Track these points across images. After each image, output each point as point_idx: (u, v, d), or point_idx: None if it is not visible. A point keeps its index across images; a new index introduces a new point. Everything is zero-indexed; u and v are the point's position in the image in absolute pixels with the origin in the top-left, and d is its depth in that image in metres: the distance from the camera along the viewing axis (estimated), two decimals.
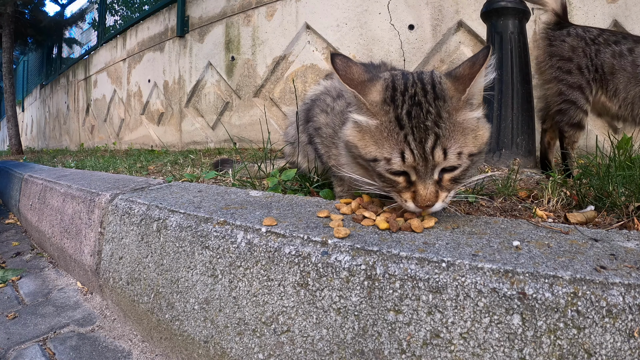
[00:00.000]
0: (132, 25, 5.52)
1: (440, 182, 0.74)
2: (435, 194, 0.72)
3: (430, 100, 0.73)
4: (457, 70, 0.77)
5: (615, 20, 2.28)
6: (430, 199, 0.72)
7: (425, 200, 0.72)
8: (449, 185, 0.74)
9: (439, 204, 0.73)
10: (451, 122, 0.72)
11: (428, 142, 0.70)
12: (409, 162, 0.71)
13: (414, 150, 0.71)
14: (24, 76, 11.79)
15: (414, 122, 0.71)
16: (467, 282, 0.56)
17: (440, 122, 0.71)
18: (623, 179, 1.00)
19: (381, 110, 0.74)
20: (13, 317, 1.17)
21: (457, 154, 0.71)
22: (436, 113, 0.71)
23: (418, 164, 0.71)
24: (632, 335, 0.49)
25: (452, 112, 0.72)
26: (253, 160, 1.91)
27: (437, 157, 0.71)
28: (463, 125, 0.73)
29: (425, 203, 0.72)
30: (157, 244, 0.99)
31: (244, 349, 0.74)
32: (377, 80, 0.79)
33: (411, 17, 2.87)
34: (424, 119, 0.71)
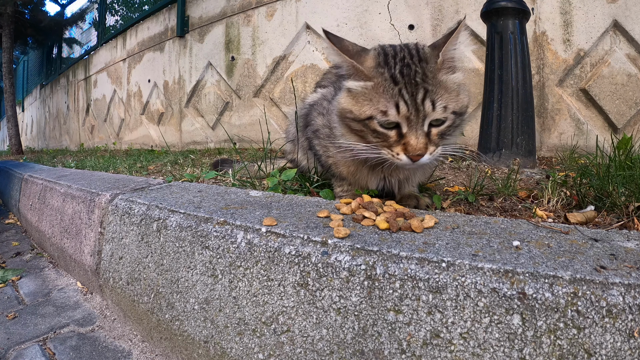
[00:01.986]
0: (132, 25, 5.52)
1: (429, 135, 0.83)
2: (425, 144, 0.82)
3: (416, 62, 0.83)
4: (436, 42, 0.89)
5: (615, 20, 2.28)
6: (421, 148, 0.81)
7: (416, 150, 0.81)
8: (436, 140, 0.84)
9: (427, 155, 0.82)
10: (435, 80, 0.82)
11: (419, 95, 0.80)
12: (402, 112, 0.80)
13: (407, 102, 0.80)
14: (24, 76, 11.78)
15: (406, 79, 0.81)
16: (467, 282, 0.56)
17: (427, 79, 0.81)
18: (623, 179, 1.00)
19: (376, 73, 0.84)
20: (13, 317, 1.17)
21: (443, 107, 0.81)
22: (422, 72, 0.82)
23: (411, 114, 0.81)
24: (632, 335, 0.49)
25: (435, 72, 0.83)
26: (253, 160, 1.91)
27: (427, 108, 0.80)
28: (445, 84, 0.83)
29: (416, 152, 0.81)
30: (157, 244, 0.99)
31: (244, 349, 0.74)
32: (368, 51, 0.90)
33: (411, 17, 2.87)
34: (414, 76, 0.81)
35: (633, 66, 2.27)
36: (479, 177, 1.31)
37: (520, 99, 1.79)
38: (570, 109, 2.42)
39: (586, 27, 2.35)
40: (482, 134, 1.92)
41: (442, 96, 0.81)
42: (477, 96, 2.58)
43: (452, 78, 0.85)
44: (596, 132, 2.36)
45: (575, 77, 2.41)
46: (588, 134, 2.38)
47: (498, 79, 1.83)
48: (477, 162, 1.86)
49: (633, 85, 2.27)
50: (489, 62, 1.89)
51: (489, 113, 1.87)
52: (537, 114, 2.41)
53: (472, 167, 1.76)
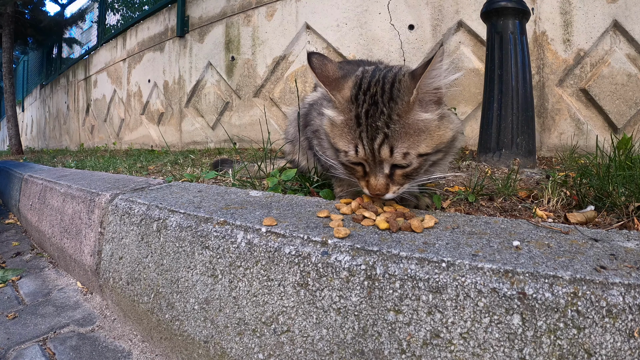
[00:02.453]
0: (132, 25, 5.52)
1: (392, 176, 0.81)
2: (385, 186, 0.80)
3: (385, 101, 0.78)
4: (417, 70, 0.80)
5: (615, 20, 2.28)
6: (380, 189, 0.80)
7: (375, 190, 0.81)
8: (400, 180, 0.81)
9: (390, 194, 0.81)
10: (401, 124, 0.77)
11: (377, 140, 0.77)
12: (360, 156, 0.80)
13: (365, 146, 0.79)
14: (24, 76, 11.78)
15: (369, 121, 0.78)
16: (467, 282, 0.56)
17: (390, 123, 0.77)
18: (623, 179, 1.00)
19: (347, 108, 0.82)
20: (13, 317, 1.17)
21: (403, 154, 0.77)
22: (388, 114, 0.77)
23: (368, 159, 0.80)
24: (632, 335, 0.49)
25: (403, 113, 0.77)
26: (253, 160, 1.91)
27: (384, 155, 0.77)
28: (415, 126, 0.78)
29: (374, 192, 0.81)
30: (157, 244, 0.99)
31: (244, 349, 0.74)
32: (349, 77, 0.86)
33: (411, 17, 2.87)
34: (376, 119, 0.78)
35: (633, 66, 2.27)
36: (479, 177, 1.31)
37: (520, 99, 1.79)
38: (570, 109, 2.42)
39: (586, 27, 2.35)
40: (482, 134, 1.92)
41: (406, 141, 0.77)
42: (477, 96, 2.58)
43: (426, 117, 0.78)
44: (596, 132, 2.36)
45: (575, 77, 2.41)
46: (588, 134, 2.38)
47: (498, 79, 1.83)
48: (476, 162, 1.86)
49: (633, 85, 2.27)
50: (489, 62, 1.89)
51: (489, 113, 1.87)
52: (537, 114, 2.41)
53: (472, 167, 1.76)
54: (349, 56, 3.14)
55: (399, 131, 0.77)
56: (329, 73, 0.86)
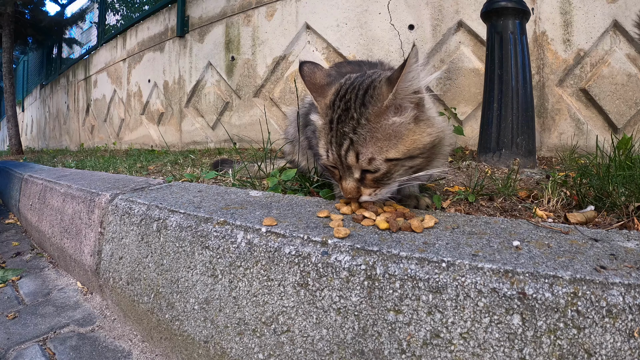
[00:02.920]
0: (132, 25, 5.52)
1: (364, 180, 0.81)
2: (356, 189, 0.81)
3: (356, 107, 0.79)
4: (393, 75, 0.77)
5: (615, 20, 2.28)
6: (352, 193, 0.81)
7: (347, 193, 0.82)
8: (372, 184, 0.81)
9: (365, 197, 0.82)
10: (368, 128, 0.77)
11: (343, 146, 0.79)
12: (330, 160, 0.82)
13: (333, 151, 0.81)
14: (24, 76, 11.77)
15: (339, 127, 0.80)
16: (467, 282, 0.56)
17: (358, 129, 0.77)
18: (623, 179, 1.00)
19: (325, 113, 0.85)
20: (13, 317, 1.17)
21: (368, 160, 0.77)
22: (357, 120, 0.78)
23: (336, 163, 0.82)
24: (632, 335, 0.49)
25: (372, 118, 0.77)
26: (253, 160, 1.91)
27: (350, 160, 0.78)
28: (384, 130, 0.76)
29: (347, 195, 0.82)
30: (157, 244, 0.99)
31: (244, 349, 0.74)
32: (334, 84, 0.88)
33: (411, 17, 2.87)
34: (345, 124, 0.79)
35: (633, 66, 2.27)
36: (479, 177, 1.31)
37: (520, 99, 1.79)
38: (570, 109, 2.42)
39: (586, 27, 2.35)
40: (482, 134, 1.92)
41: (371, 147, 0.76)
42: (477, 96, 2.58)
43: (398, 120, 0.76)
44: (596, 132, 2.36)
45: (575, 77, 2.41)
46: (588, 134, 2.38)
47: (498, 79, 1.83)
48: (476, 163, 1.86)
49: (633, 85, 2.27)
50: (489, 62, 1.89)
51: (489, 113, 1.87)
52: (537, 114, 2.40)
53: (472, 167, 1.76)
54: (349, 56, 3.14)
55: (364, 136, 0.77)
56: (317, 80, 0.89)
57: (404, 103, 0.76)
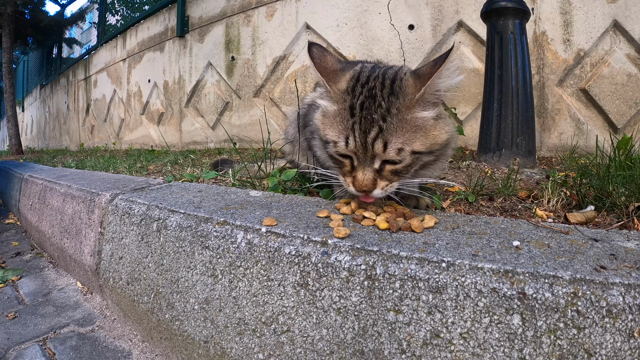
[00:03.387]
0: (132, 25, 5.52)
1: (381, 171, 0.78)
2: (373, 181, 0.77)
3: (384, 95, 0.76)
4: (421, 69, 0.79)
5: (615, 20, 2.28)
6: (367, 185, 0.77)
7: (361, 185, 0.77)
8: (389, 176, 0.78)
9: (377, 191, 0.78)
10: (399, 119, 0.75)
11: (371, 133, 0.75)
12: (350, 148, 0.77)
13: (356, 138, 0.76)
14: (24, 76, 11.77)
15: (364, 113, 0.76)
16: (467, 282, 0.56)
17: (388, 117, 0.75)
18: (623, 179, 1.00)
19: (341, 99, 0.80)
20: (13, 317, 1.17)
21: (397, 150, 0.75)
22: (386, 108, 0.75)
23: (358, 151, 0.77)
24: (632, 335, 0.49)
25: (403, 109, 0.76)
26: (253, 160, 1.91)
27: (377, 149, 0.75)
28: (412, 123, 0.76)
29: (361, 188, 0.77)
30: (157, 244, 0.99)
31: (244, 349, 0.74)
32: (348, 70, 0.84)
33: (411, 17, 2.87)
34: (373, 111, 0.75)
35: (633, 66, 2.27)
36: (479, 177, 1.31)
37: (520, 99, 1.79)
38: (570, 109, 2.42)
39: (586, 27, 2.35)
40: (482, 134, 1.92)
41: (401, 137, 0.75)
42: (477, 96, 2.58)
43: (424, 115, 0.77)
44: (596, 132, 2.36)
45: (575, 77, 2.41)
46: (588, 134, 2.38)
47: (498, 79, 1.83)
48: (476, 162, 1.86)
49: (633, 85, 2.27)
50: (489, 62, 1.89)
51: (489, 113, 1.87)
52: (537, 114, 2.41)
53: (472, 167, 1.76)
54: (349, 56, 3.14)
55: (395, 126, 0.75)
56: (328, 64, 0.85)
57: (431, 99, 0.77)
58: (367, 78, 0.80)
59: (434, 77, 0.74)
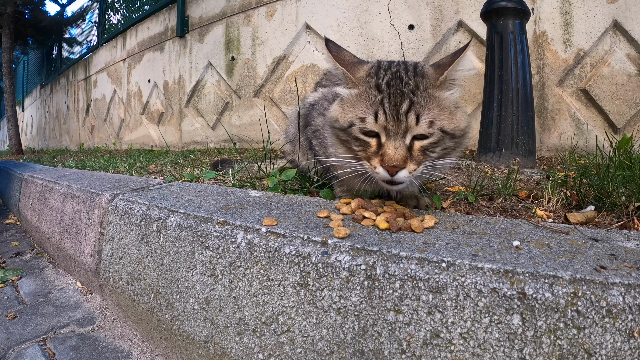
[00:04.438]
0: (132, 25, 5.52)
1: (411, 149, 0.77)
2: (404, 157, 0.75)
3: (410, 76, 0.80)
4: (440, 61, 0.86)
5: (615, 20, 2.28)
6: (398, 159, 0.74)
7: (392, 160, 0.74)
8: (418, 157, 0.77)
9: (404, 172, 0.75)
10: (428, 94, 0.78)
11: (403, 106, 0.75)
12: (380, 122, 0.76)
13: (387, 111, 0.76)
14: (24, 76, 11.77)
15: (392, 89, 0.77)
16: (467, 282, 0.56)
17: (417, 92, 0.77)
18: (623, 179, 1.00)
19: (363, 81, 0.82)
20: (13, 317, 1.17)
21: (429, 122, 0.76)
22: (414, 84, 0.78)
23: (389, 124, 0.75)
24: (632, 335, 0.49)
25: (429, 87, 0.79)
26: (253, 160, 1.91)
27: (410, 121, 0.75)
28: (439, 100, 0.79)
29: (392, 162, 0.74)
30: (157, 244, 0.99)
31: (244, 349, 0.74)
32: (365, 63, 0.89)
33: (411, 17, 2.87)
34: (402, 87, 0.78)
35: (633, 66, 2.27)
36: (479, 177, 1.31)
37: (520, 99, 1.79)
38: (570, 109, 2.42)
39: (586, 27, 2.35)
40: (482, 134, 1.92)
41: (431, 111, 0.77)
42: (477, 96, 2.58)
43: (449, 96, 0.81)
44: (596, 132, 2.36)
45: (575, 77, 2.41)
46: (588, 134, 2.38)
47: (498, 79, 1.83)
48: (476, 162, 1.86)
49: (633, 85, 2.27)
50: (489, 62, 1.89)
51: (489, 113, 1.87)
52: (537, 114, 2.40)
53: (472, 167, 1.76)
54: None
55: (425, 100, 0.77)
56: (345, 57, 0.88)
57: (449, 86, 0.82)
58: (388, 65, 0.84)
59: (454, 64, 0.80)
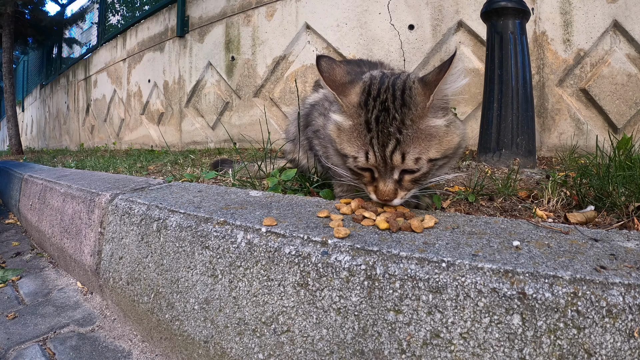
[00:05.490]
0: (132, 25, 5.52)
1: (401, 181, 0.81)
2: (394, 191, 0.80)
3: (397, 107, 0.78)
4: (427, 76, 0.80)
5: (615, 20, 2.28)
6: (389, 195, 0.80)
7: (384, 195, 0.80)
8: (408, 185, 0.81)
9: (398, 200, 0.81)
10: (413, 129, 0.77)
11: (389, 147, 0.77)
12: (371, 162, 0.79)
13: (376, 153, 0.78)
14: (24, 76, 11.77)
15: (380, 127, 0.78)
16: (467, 282, 0.56)
17: (403, 129, 0.77)
18: (623, 179, 1.00)
19: (355, 113, 0.82)
20: (13, 317, 1.17)
21: (414, 159, 0.77)
22: (400, 120, 0.77)
23: (379, 165, 0.79)
24: (632, 335, 0.49)
25: (416, 119, 0.77)
26: (253, 160, 1.91)
27: (396, 161, 0.77)
28: (426, 131, 0.78)
29: (383, 198, 0.81)
30: (157, 244, 0.99)
31: (244, 349, 0.74)
32: (357, 82, 0.85)
33: (411, 17, 2.87)
34: (388, 124, 0.77)
35: (633, 66, 2.27)
36: (479, 177, 1.31)
37: (520, 99, 1.79)
38: (570, 109, 2.42)
39: (586, 27, 2.35)
40: (482, 134, 1.92)
41: (418, 147, 0.77)
42: (477, 96, 2.58)
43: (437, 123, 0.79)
44: (596, 132, 2.36)
45: (575, 77, 2.41)
46: (588, 134, 2.38)
47: (498, 79, 1.83)
48: (476, 162, 1.86)
49: (633, 85, 2.27)
50: (489, 62, 1.89)
51: (489, 113, 1.87)
52: (537, 114, 2.40)
53: (472, 167, 1.76)
54: (348, 56, 3.14)
55: (411, 137, 0.77)
56: (337, 77, 0.86)
57: (441, 104, 0.79)
58: (377, 91, 0.81)
59: (440, 84, 0.75)
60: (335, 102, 0.85)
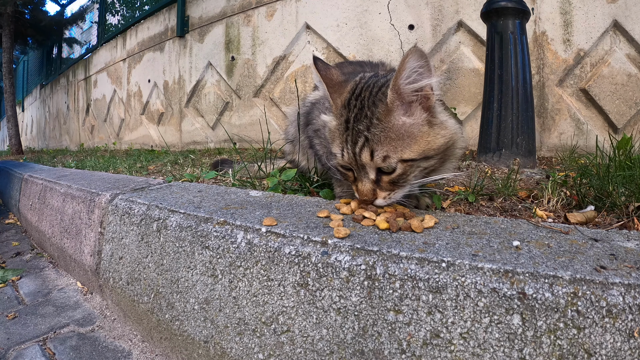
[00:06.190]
0: (132, 25, 5.52)
1: (379, 182, 0.80)
2: (373, 191, 0.80)
3: (369, 106, 0.79)
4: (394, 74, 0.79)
5: (615, 20, 2.28)
6: (367, 194, 0.80)
7: (362, 195, 0.81)
8: (387, 187, 0.80)
9: (380, 200, 0.81)
10: (381, 127, 0.77)
11: (358, 144, 0.78)
12: (345, 159, 0.81)
13: (348, 150, 0.80)
14: (24, 76, 11.77)
15: (354, 125, 0.79)
16: (467, 282, 0.56)
17: (371, 127, 0.77)
18: (623, 179, 1.00)
19: (339, 113, 0.84)
20: (13, 317, 1.17)
21: (382, 157, 0.76)
22: (369, 118, 0.78)
23: (351, 162, 0.80)
24: (632, 335, 0.49)
25: (382, 117, 0.77)
26: (253, 160, 1.91)
27: (364, 158, 0.77)
28: (397, 130, 0.77)
29: (362, 197, 0.81)
30: (157, 244, 0.99)
31: (244, 349, 0.74)
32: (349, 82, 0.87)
33: (411, 17, 2.87)
34: (360, 123, 0.79)
35: (633, 66, 2.27)
36: (479, 177, 1.31)
37: (520, 99, 1.79)
38: (570, 109, 2.42)
39: (586, 27, 2.35)
40: (482, 134, 1.92)
41: (386, 145, 0.76)
42: (477, 96, 2.58)
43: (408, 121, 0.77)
44: (596, 132, 2.36)
45: (575, 77, 2.41)
46: (588, 134, 2.38)
47: (498, 79, 1.83)
48: (476, 162, 1.86)
49: (633, 85, 2.27)
50: (489, 62, 1.89)
51: (489, 113, 1.87)
52: (537, 114, 2.40)
53: (472, 167, 1.76)
54: (349, 56, 3.14)
55: (378, 135, 0.77)
56: (333, 77, 0.88)
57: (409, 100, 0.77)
58: (361, 90, 0.82)
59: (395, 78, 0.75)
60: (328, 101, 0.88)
